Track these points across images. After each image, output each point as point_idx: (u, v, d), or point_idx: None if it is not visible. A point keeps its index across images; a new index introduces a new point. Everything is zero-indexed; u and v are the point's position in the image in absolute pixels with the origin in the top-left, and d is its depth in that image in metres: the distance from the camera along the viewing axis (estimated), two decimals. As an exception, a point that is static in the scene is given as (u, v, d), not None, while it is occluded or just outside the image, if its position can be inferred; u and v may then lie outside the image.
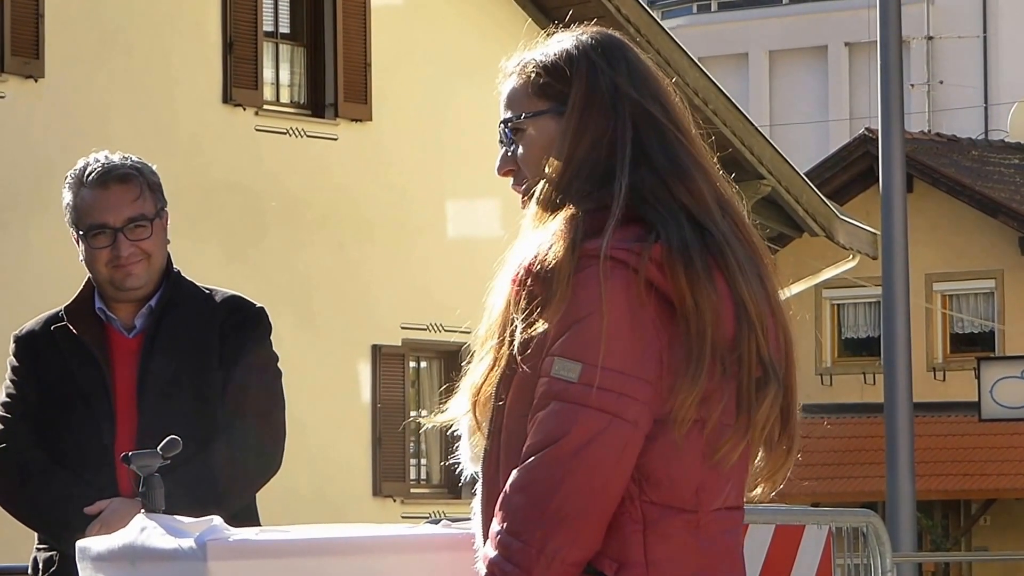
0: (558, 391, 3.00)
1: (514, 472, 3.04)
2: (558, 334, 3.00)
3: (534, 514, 3.00)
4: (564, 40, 3.27)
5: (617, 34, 3.34)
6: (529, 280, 3.07)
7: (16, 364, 5.83)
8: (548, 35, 3.32)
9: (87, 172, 5.65)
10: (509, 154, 3.27)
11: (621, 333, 3.02)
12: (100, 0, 20.18)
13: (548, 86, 3.23)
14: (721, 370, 3.01)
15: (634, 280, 3.02)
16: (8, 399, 5.78)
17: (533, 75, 3.25)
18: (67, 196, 5.72)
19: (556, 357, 3.01)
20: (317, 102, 20.97)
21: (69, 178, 5.74)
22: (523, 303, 3.07)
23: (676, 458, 3.03)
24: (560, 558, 2.97)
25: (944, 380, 31.79)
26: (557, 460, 2.98)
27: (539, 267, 3.05)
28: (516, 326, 3.09)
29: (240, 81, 20.58)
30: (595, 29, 3.35)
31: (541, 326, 3.03)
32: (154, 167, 5.85)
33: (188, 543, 3.58)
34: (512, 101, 3.30)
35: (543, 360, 3.02)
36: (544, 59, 3.25)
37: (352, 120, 20.91)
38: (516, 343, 3.08)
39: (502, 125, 3.32)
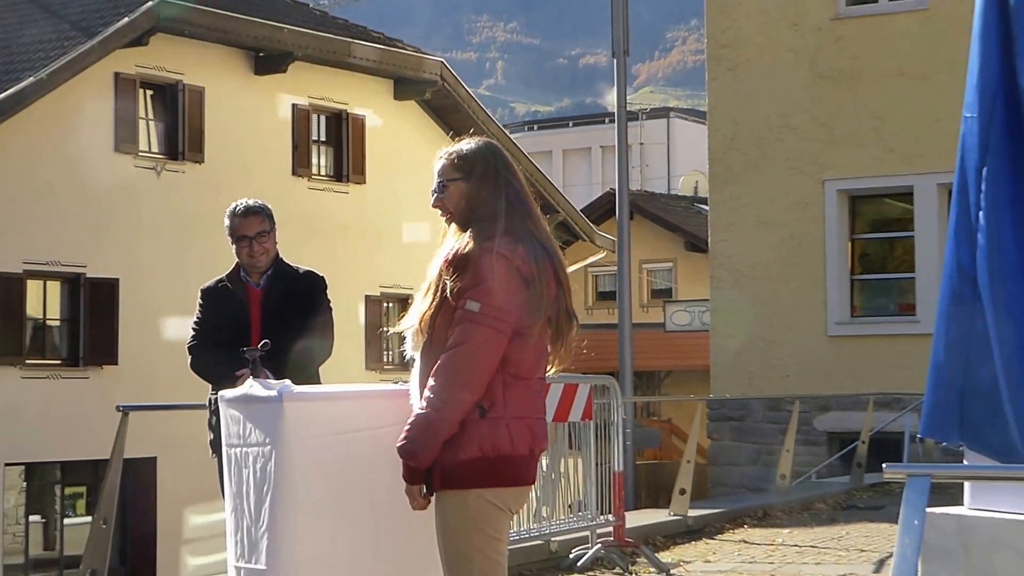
0: (468, 316, 4.63)
1: (442, 356, 4.66)
2: (467, 288, 4.64)
3: (451, 379, 4.62)
4: (469, 143, 4.95)
5: (493, 140, 5.03)
6: (454, 261, 4.73)
7: (202, 303, 7.64)
8: (455, 140, 4.99)
9: (236, 208, 7.53)
10: (439, 199, 4.91)
11: (500, 291, 4.67)
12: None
13: (460, 166, 4.89)
14: (545, 314, 4.78)
15: (510, 265, 4.69)
16: (198, 320, 7.62)
17: (454, 159, 4.90)
18: (227, 220, 7.52)
19: (468, 299, 4.64)
20: (341, 174, 26.93)
21: (228, 211, 7.54)
22: (450, 272, 4.70)
23: (521, 352, 4.76)
24: (462, 400, 4.63)
25: (647, 312, 38.17)
26: (465, 352, 4.64)
27: (459, 254, 4.72)
28: (445, 283, 4.69)
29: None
30: (481, 138, 5.05)
31: (459, 283, 4.66)
32: (271, 206, 7.58)
33: (272, 393, 4.99)
34: (441, 171, 4.91)
35: (460, 301, 4.66)
36: (458, 151, 4.92)
37: (357, 184, 26.94)
38: (445, 292, 4.67)
39: (436, 182, 4.91)
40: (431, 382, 4.61)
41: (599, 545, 11.07)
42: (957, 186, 6.49)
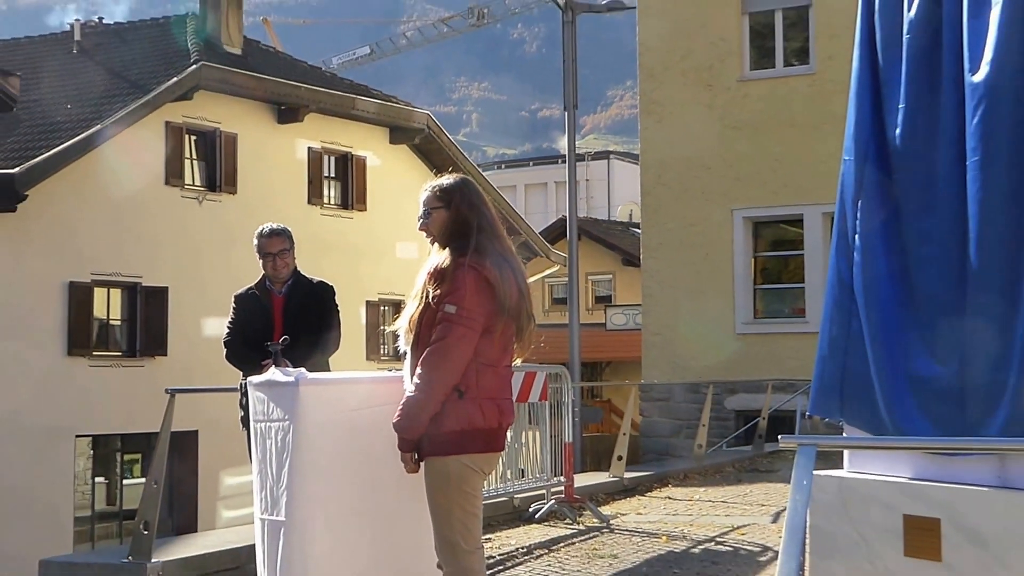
0: (447, 317, 4.61)
1: (427, 351, 4.64)
2: (446, 294, 4.63)
3: (434, 368, 4.61)
4: (448, 179, 4.95)
5: (468, 176, 5.09)
6: (436, 273, 4.71)
7: (235, 306, 7.60)
8: (438, 176, 4.95)
9: (263, 230, 7.53)
10: (424, 223, 4.88)
11: (472, 297, 4.67)
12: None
13: (442, 197, 4.88)
14: (509, 315, 4.75)
15: (480, 276, 4.66)
16: (231, 320, 7.56)
17: (436, 192, 4.90)
18: (255, 240, 7.49)
19: (447, 304, 4.64)
20: (347, 203, 26.80)
21: (256, 232, 7.55)
22: (433, 282, 4.71)
23: (490, 345, 4.74)
24: (443, 384, 4.62)
25: (592, 314, 37.09)
26: (445, 346, 4.63)
27: (440, 268, 4.69)
28: (428, 291, 4.70)
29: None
30: (458, 174, 5.09)
31: (440, 291, 4.66)
32: (291, 229, 7.56)
33: (291, 379, 4.97)
34: (426, 201, 4.90)
35: (440, 305, 4.66)
36: (440, 186, 4.92)
37: (360, 211, 26.93)
38: (429, 299, 4.65)
39: (422, 210, 4.89)
40: (419, 370, 4.63)
41: (553, 501, 11.13)
42: (838, 215, 6.52)
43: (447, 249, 4.78)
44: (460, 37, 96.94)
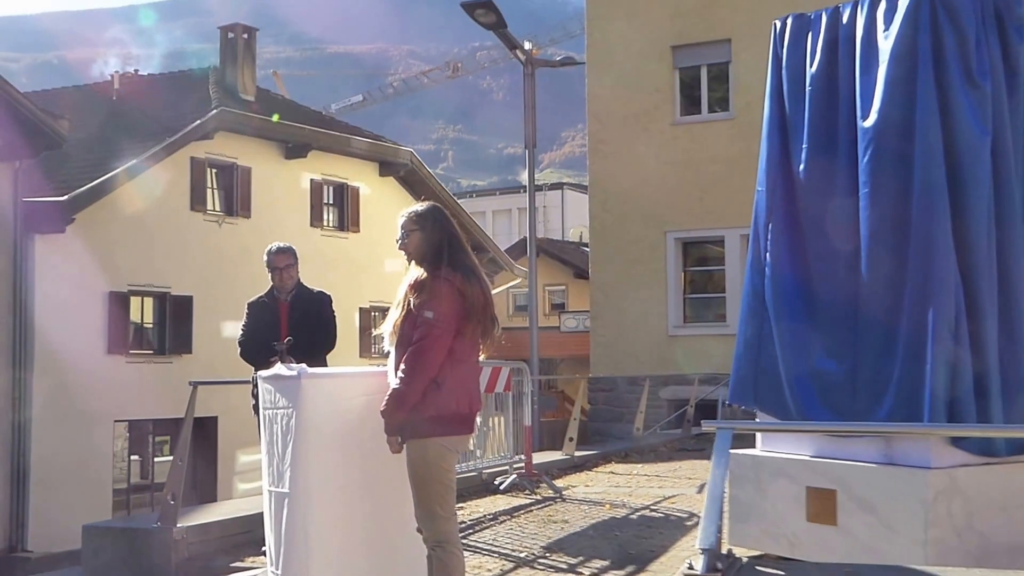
0: (426, 322, 4.57)
1: (409, 350, 4.59)
2: (425, 303, 4.60)
3: (415, 364, 4.57)
4: (422, 206, 4.92)
5: (438, 204, 4.99)
6: (416, 284, 4.67)
7: (248, 312, 7.50)
8: (415, 203, 5.27)
9: (271, 248, 7.51)
10: (403, 243, 4.83)
11: (446, 304, 4.63)
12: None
13: (417, 221, 4.81)
14: (477, 319, 4.70)
15: (453, 287, 4.63)
16: (244, 324, 7.47)
17: (413, 217, 4.83)
18: (265, 257, 7.44)
19: (425, 310, 4.60)
20: (343, 225, 26.65)
21: (266, 250, 7.53)
22: (413, 292, 4.66)
23: (461, 344, 4.69)
24: (423, 378, 4.57)
25: (548, 319, 36.47)
26: (424, 346, 4.58)
27: (420, 280, 4.66)
28: (410, 300, 4.65)
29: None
30: (430, 202, 5.09)
31: (419, 300, 4.62)
32: (295, 247, 7.57)
33: (294, 373, 4.92)
34: (404, 225, 4.83)
35: (420, 311, 4.61)
36: (416, 212, 4.87)
37: (354, 233, 26.59)
38: (410, 306, 4.61)
39: (401, 232, 4.86)
40: (402, 366, 4.58)
41: (515, 475, 11.10)
42: (752, 236, 6.55)
43: (423, 265, 4.72)
44: (438, 87, 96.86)
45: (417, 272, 4.71)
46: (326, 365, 7.11)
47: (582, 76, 24.13)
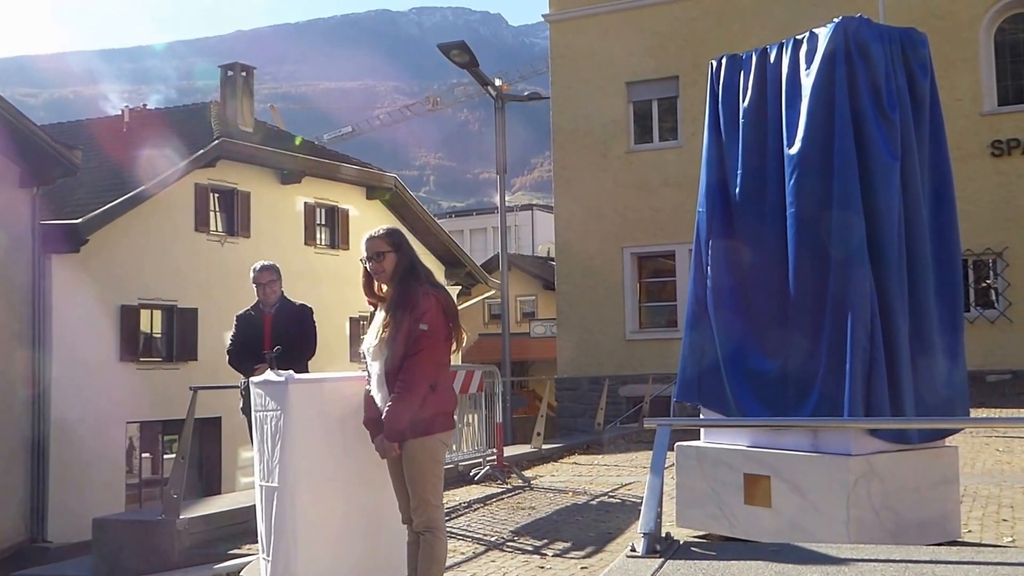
0: (421, 334, 4.47)
1: (410, 360, 4.45)
2: (418, 317, 4.50)
3: (414, 373, 4.46)
4: (386, 228, 4.85)
5: (396, 228, 4.83)
6: (405, 302, 4.59)
7: (236, 323, 7.47)
8: (391, 226, 4.93)
9: (256, 266, 7.46)
10: (378, 264, 4.72)
11: (436, 316, 4.57)
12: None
13: (389, 243, 4.70)
14: (453, 327, 4.66)
15: (437, 303, 4.58)
16: (234, 334, 7.43)
17: (384, 239, 4.73)
18: (252, 274, 7.41)
19: (420, 323, 4.50)
20: (334, 244, 26.10)
21: (252, 268, 7.52)
22: (404, 310, 4.56)
23: (445, 351, 4.64)
24: (424, 384, 4.48)
25: (520, 326, 37.14)
26: (421, 357, 4.48)
27: (409, 298, 4.57)
28: (398, 316, 4.55)
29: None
30: (390, 226, 4.92)
31: (412, 314, 4.52)
32: (278, 264, 7.52)
33: (281, 379, 4.90)
34: (376, 247, 4.72)
35: (415, 325, 4.50)
36: (385, 234, 4.76)
37: (344, 250, 26.10)
38: (406, 320, 4.50)
39: (373, 253, 4.74)
40: (404, 377, 4.47)
41: (488, 467, 11.08)
42: (695, 251, 6.61)
43: (403, 283, 4.60)
44: (420, 119, 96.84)
45: (403, 289, 4.61)
46: (307, 370, 7.01)
47: (548, 109, 24.22)
